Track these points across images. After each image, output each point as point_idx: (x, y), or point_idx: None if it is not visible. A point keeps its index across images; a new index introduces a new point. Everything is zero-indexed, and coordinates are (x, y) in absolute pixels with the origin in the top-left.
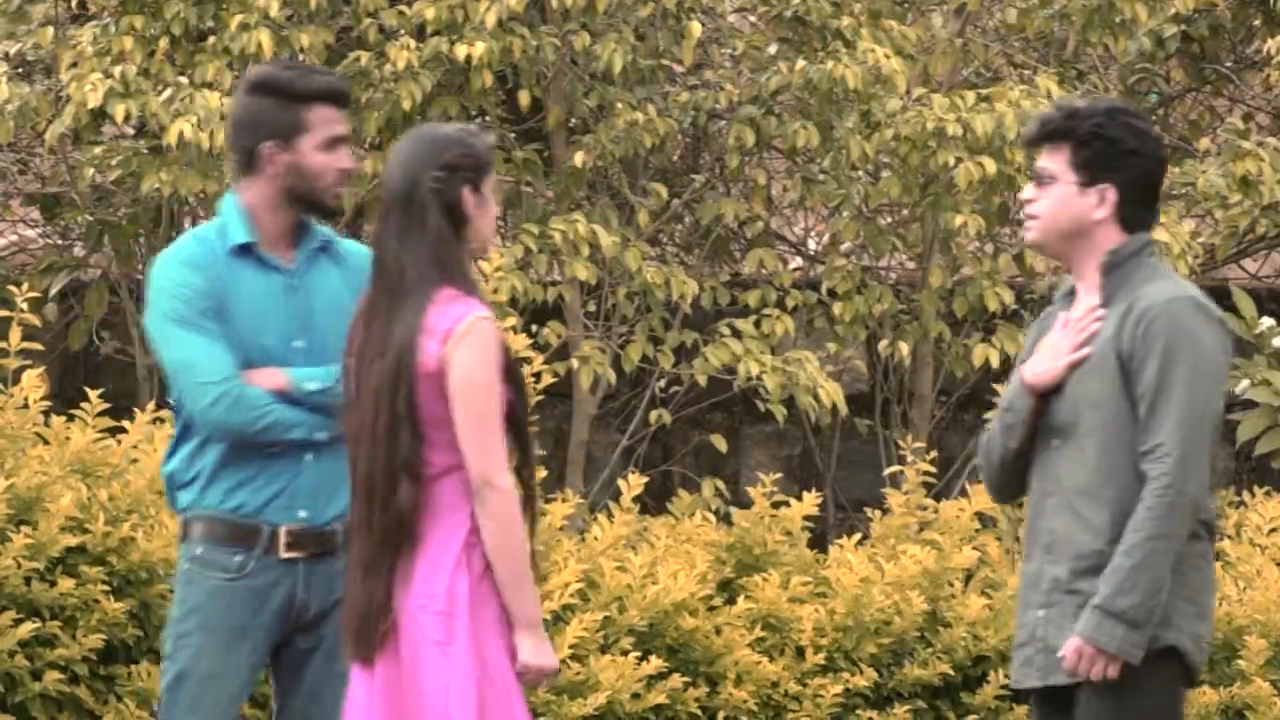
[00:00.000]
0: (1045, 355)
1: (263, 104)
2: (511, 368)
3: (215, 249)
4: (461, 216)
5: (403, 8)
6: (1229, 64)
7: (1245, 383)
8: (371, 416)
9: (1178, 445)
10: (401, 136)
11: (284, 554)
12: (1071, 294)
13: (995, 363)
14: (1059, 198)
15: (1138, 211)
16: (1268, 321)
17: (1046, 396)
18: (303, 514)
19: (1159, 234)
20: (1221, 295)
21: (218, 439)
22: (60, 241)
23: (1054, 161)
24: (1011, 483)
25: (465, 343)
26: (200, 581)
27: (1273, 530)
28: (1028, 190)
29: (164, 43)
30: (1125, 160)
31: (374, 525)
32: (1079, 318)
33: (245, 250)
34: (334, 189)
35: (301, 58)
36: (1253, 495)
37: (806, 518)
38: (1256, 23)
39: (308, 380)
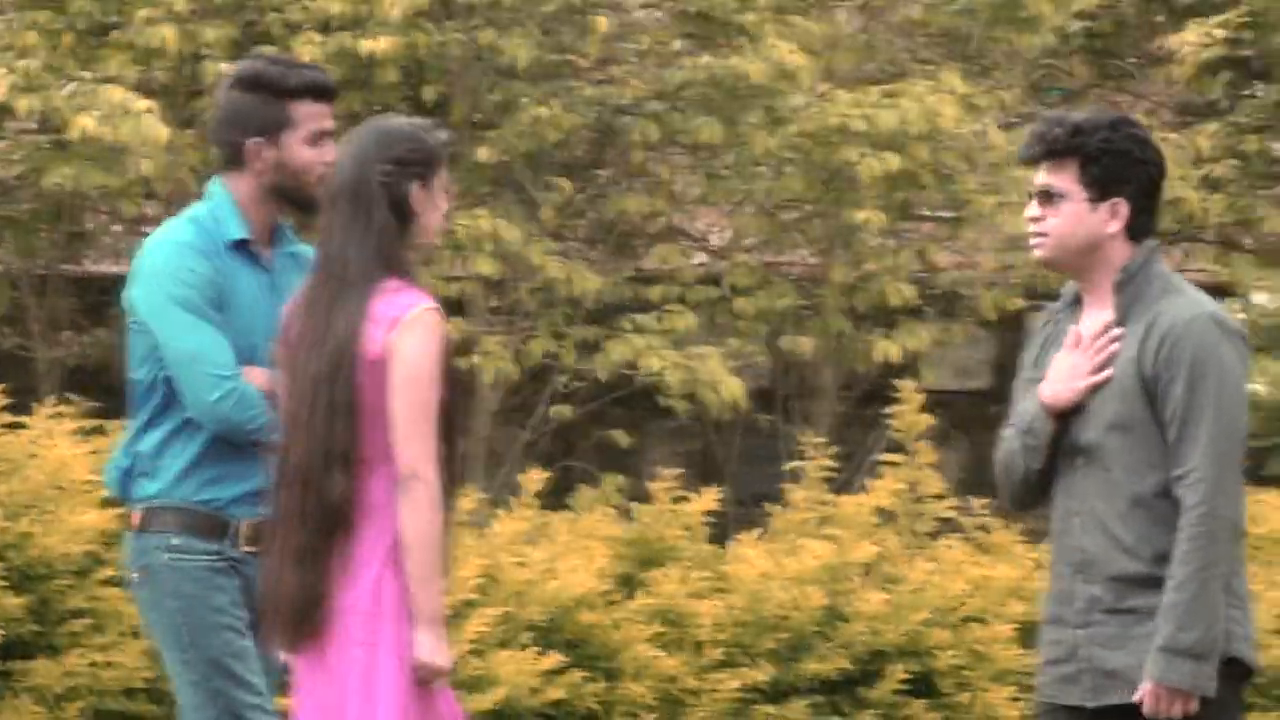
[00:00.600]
0: (1063, 374)
1: (249, 99)
2: (451, 365)
3: (215, 239)
4: (409, 211)
5: (307, 3)
6: (1132, 60)
7: None
8: (309, 405)
9: (1211, 469)
10: (355, 129)
11: (244, 547)
12: (1077, 302)
13: (896, 358)
14: (1071, 215)
15: (1145, 220)
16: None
17: (1066, 415)
18: (260, 510)
19: None
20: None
21: (209, 431)
22: None
23: (1060, 179)
24: (1034, 497)
25: (412, 332)
26: (186, 568)
27: None
28: (1032, 209)
29: (68, 37)
30: (1134, 172)
31: (307, 514)
32: (1096, 335)
33: (240, 245)
34: (319, 184)
35: (206, 53)
36: None
37: (707, 513)
38: (1159, 19)
39: None
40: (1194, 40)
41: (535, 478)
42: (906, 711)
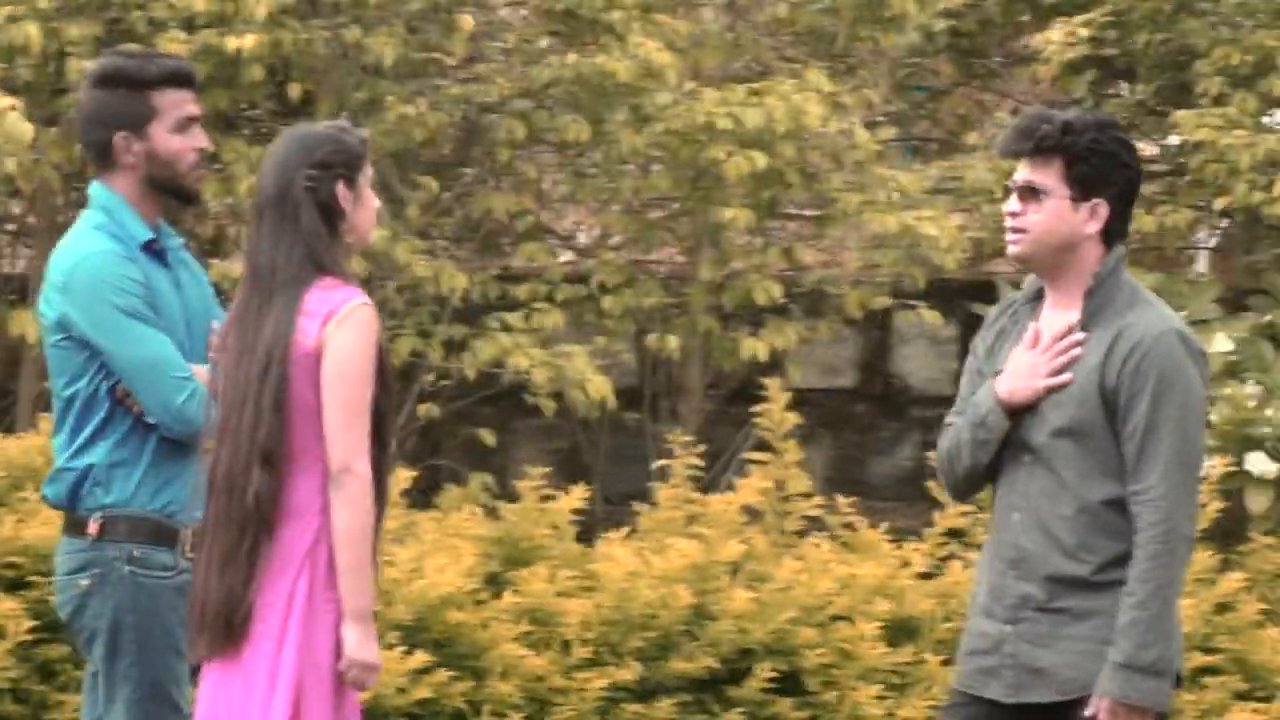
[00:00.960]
0: (1021, 372)
1: (110, 95)
2: (384, 361)
3: (130, 243)
4: (337, 212)
5: (172, 0)
6: (997, 59)
7: None
8: (238, 412)
9: (1170, 487)
10: (276, 138)
11: (188, 554)
12: (1039, 296)
13: (763, 356)
14: (1052, 212)
15: (1121, 224)
16: (930, 316)
17: (1018, 412)
18: (198, 514)
19: (926, 227)
20: (988, 289)
21: (155, 438)
22: None
23: (1044, 175)
24: (976, 489)
25: (345, 326)
26: (147, 584)
27: None
28: (1011, 203)
29: None
30: (1118, 175)
31: (231, 518)
32: (1058, 335)
33: (148, 246)
34: (194, 172)
35: (70, 50)
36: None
37: (574, 511)
38: (1024, 18)
39: None
40: (1058, 39)
41: (402, 476)
42: (774, 710)
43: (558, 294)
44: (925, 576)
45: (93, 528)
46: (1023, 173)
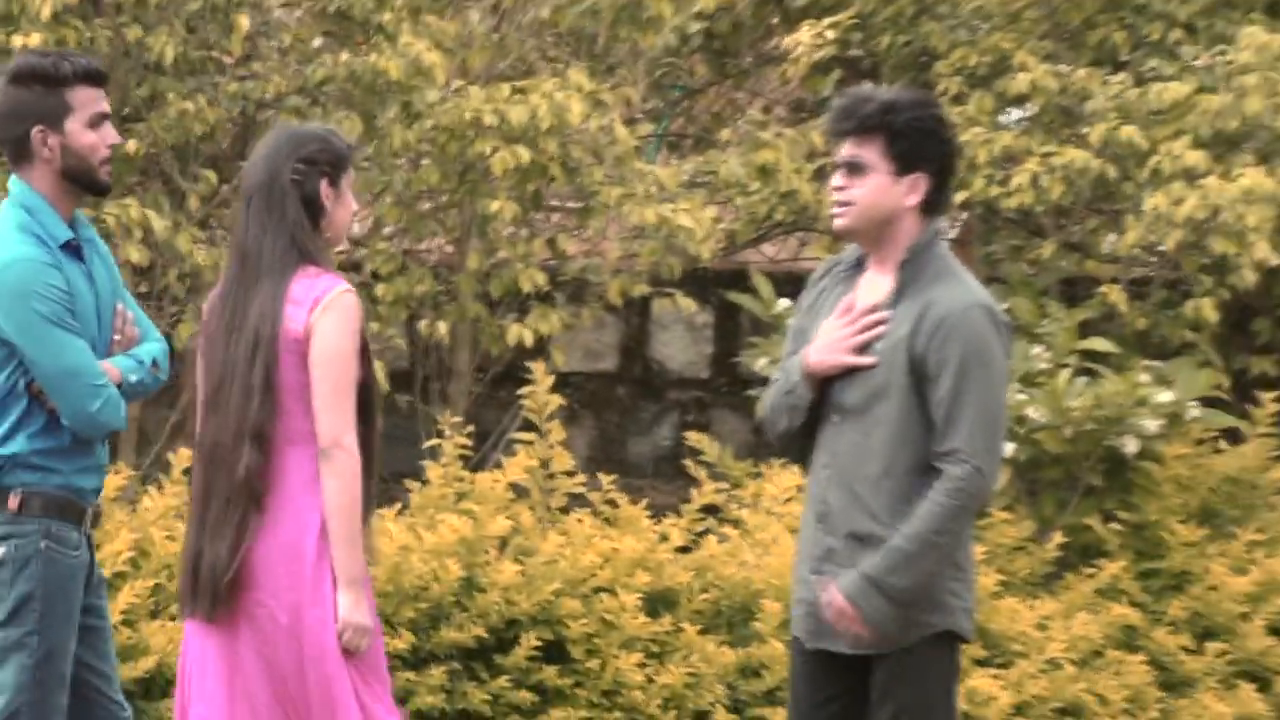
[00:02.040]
0: (828, 345)
1: (27, 92)
2: (365, 344)
3: (51, 244)
4: (319, 208)
5: None
6: (749, 59)
7: (764, 360)
8: (227, 388)
9: (975, 452)
10: (268, 132)
11: (89, 529)
12: (859, 265)
13: (529, 341)
14: (875, 186)
15: (939, 197)
16: (785, 303)
17: (828, 380)
18: (98, 498)
19: (682, 219)
20: (741, 278)
21: (82, 434)
22: None
23: (867, 152)
24: (799, 448)
25: (331, 312)
26: (60, 561)
27: (788, 500)
28: (837, 179)
29: None
30: (937, 150)
31: (219, 491)
32: (866, 310)
33: (67, 245)
34: (106, 165)
35: None
36: (769, 467)
37: None
38: (774, 21)
39: (131, 372)
40: (806, 41)
41: (184, 456)
42: (539, 677)
43: None
44: (683, 550)
45: (13, 502)
46: (846, 150)
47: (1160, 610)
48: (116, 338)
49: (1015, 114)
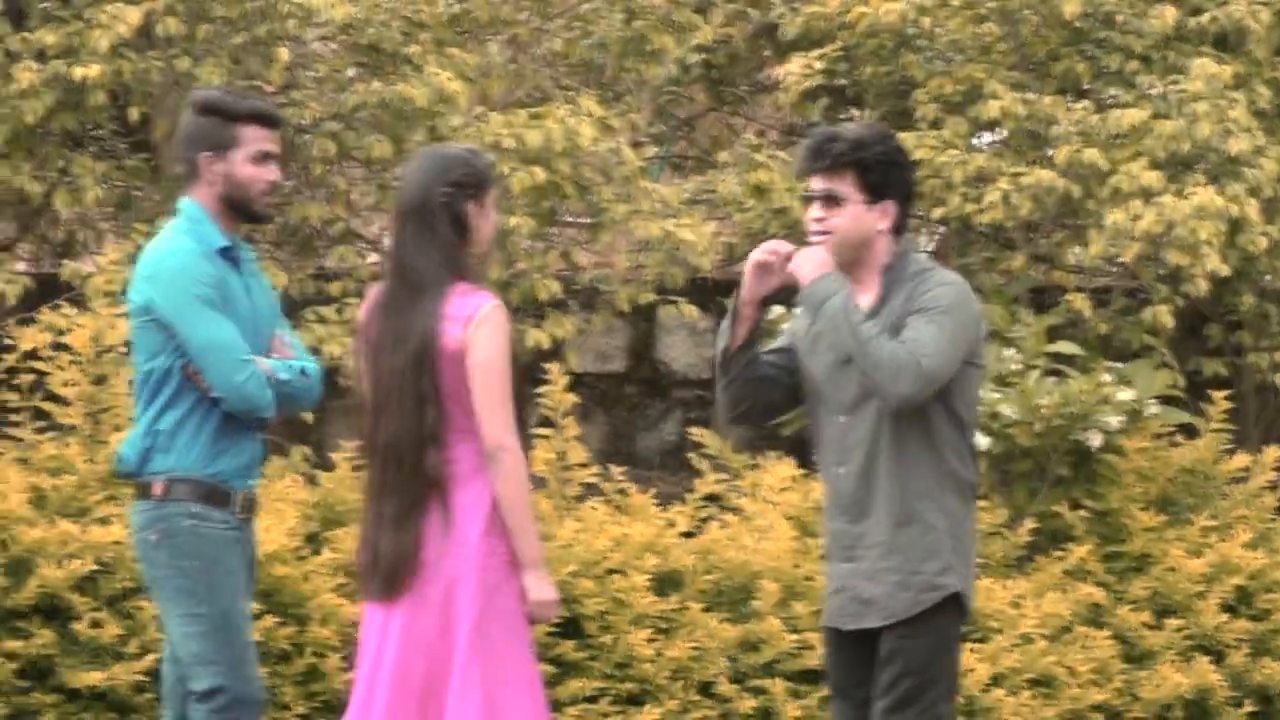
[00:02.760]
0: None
1: (205, 121)
2: (513, 353)
3: (207, 247)
4: (466, 225)
5: (25, 34)
6: (744, 88)
7: None
8: (396, 393)
9: (922, 346)
10: (413, 156)
11: (239, 515)
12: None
13: (545, 344)
14: (851, 215)
15: (904, 220)
16: (778, 309)
17: (824, 380)
18: (251, 482)
19: (684, 233)
20: (738, 286)
21: (219, 413)
22: None
23: (840, 185)
24: (740, 402)
25: (484, 327)
26: (209, 533)
27: (783, 489)
28: (815, 210)
29: None
30: (901, 178)
31: (399, 487)
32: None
33: (224, 251)
34: (264, 198)
35: None
36: (766, 459)
37: None
38: (767, 53)
39: (281, 370)
40: (797, 70)
41: None
42: (557, 651)
43: (366, 290)
44: (688, 535)
45: (158, 489)
46: (819, 184)
47: (1123, 590)
48: (275, 356)
49: (987, 138)
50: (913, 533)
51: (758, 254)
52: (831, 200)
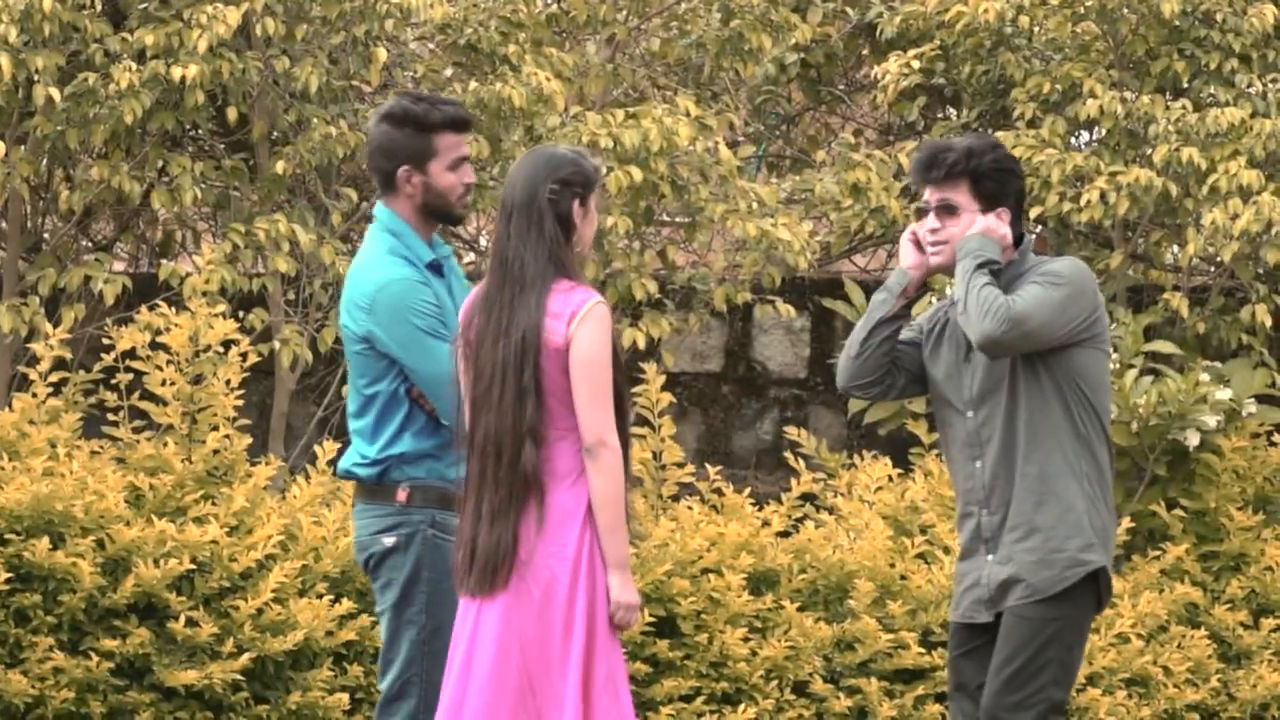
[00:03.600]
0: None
1: (398, 133)
2: (618, 349)
3: (419, 264)
4: (570, 224)
5: (125, 35)
6: (841, 87)
7: None
8: (497, 388)
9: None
10: (523, 155)
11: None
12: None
13: (642, 344)
14: (968, 224)
15: (1019, 224)
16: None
17: (946, 378)
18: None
19: (781, 233)
20: (836, 286)
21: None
22: None
23: (955, 194)
24: (872, 369)
25: (587, 323)
26: (443, 546)
27: (879, 489)
28: (931, 221)
29: None
30: (1014, 185)
31: (499, 480)
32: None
33: (431, 265)
34: (462, 200)
35: (36, 77)
36: (862, 458)
37: None
38: (865, 51)
39: None
40: (894, 70)
41: (329, 448)
42: (653, 650)
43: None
44: (783, 535)
45: (401, 495)
46: (933, 195)
47: (1219, 589)
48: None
49: (1085, 136)
50: (1054, 511)
51: (910, 233)
52: (947, 209)
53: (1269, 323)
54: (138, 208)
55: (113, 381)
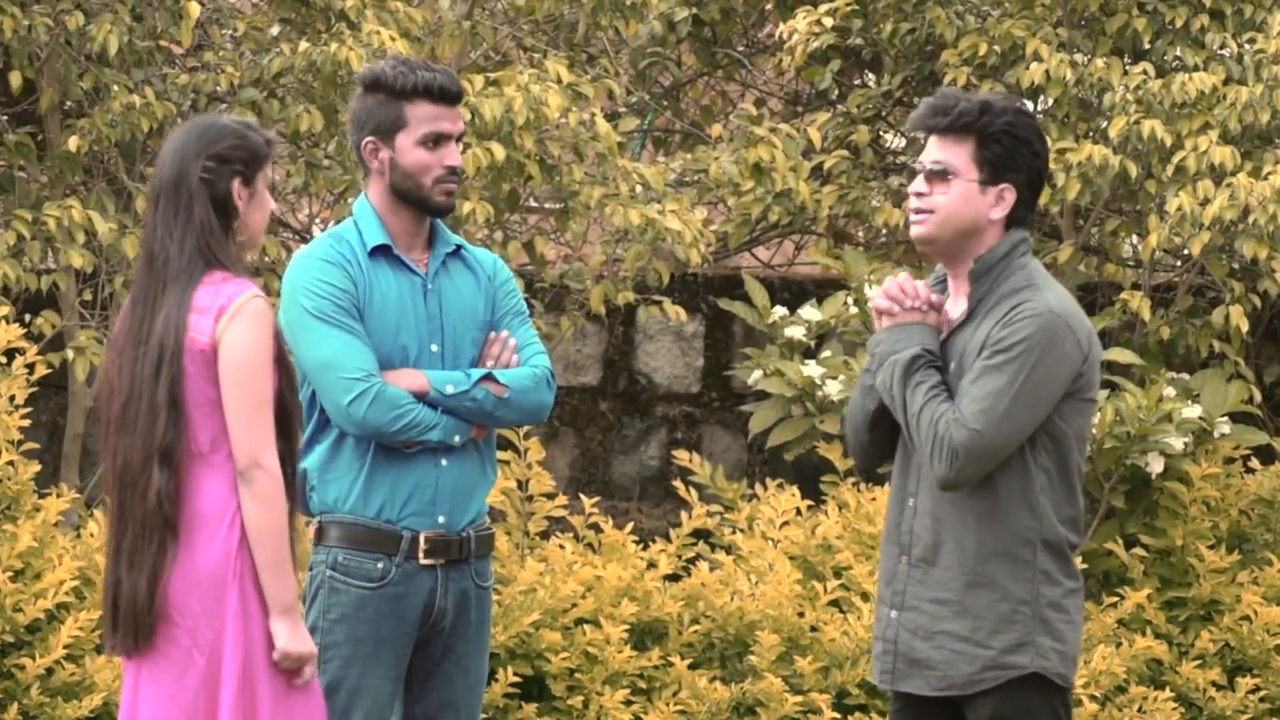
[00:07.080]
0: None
1: (370, 99)
2: (282, 351)
3: (354, 248)
4: (230, 208)
5: None
6: (741, 48)
7: (757, 373)
8: (134, 404)
9: (975, 416)
10: (179, 126)
11: (423, 560)
12: (943, 283)
13: None
14: (960, 194)
15: (1025, 213)
16: (780, 311)
17: None
18: (441, 519)
19: (669, 221)
20: (735, 284)
21: (356, 437)
22: None
23: (955, 155)
24: (871, 452)
25: (238, 320)
26: (345, 590)
27: (785, 524)
28: (918, 184)
29: None
30: (1028, 161)
31: (132, 517)
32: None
33: (382, 251)
34: (440, 186)
35: None
36: (765, 488)
37: None
38: (768, 6)
39: (446, 383)
40: (803, 29)
41: None
42: (518, 715)
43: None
44: (672, 579)
45: (311, 531)
46: (932, 153)
47: (1187, 643)
48: (490, 363)
49: (1029, 107)
50: (984, 598)
51: (878, 299)
52: (938, 173)
53: (1245, 327)
54: None
55: None
